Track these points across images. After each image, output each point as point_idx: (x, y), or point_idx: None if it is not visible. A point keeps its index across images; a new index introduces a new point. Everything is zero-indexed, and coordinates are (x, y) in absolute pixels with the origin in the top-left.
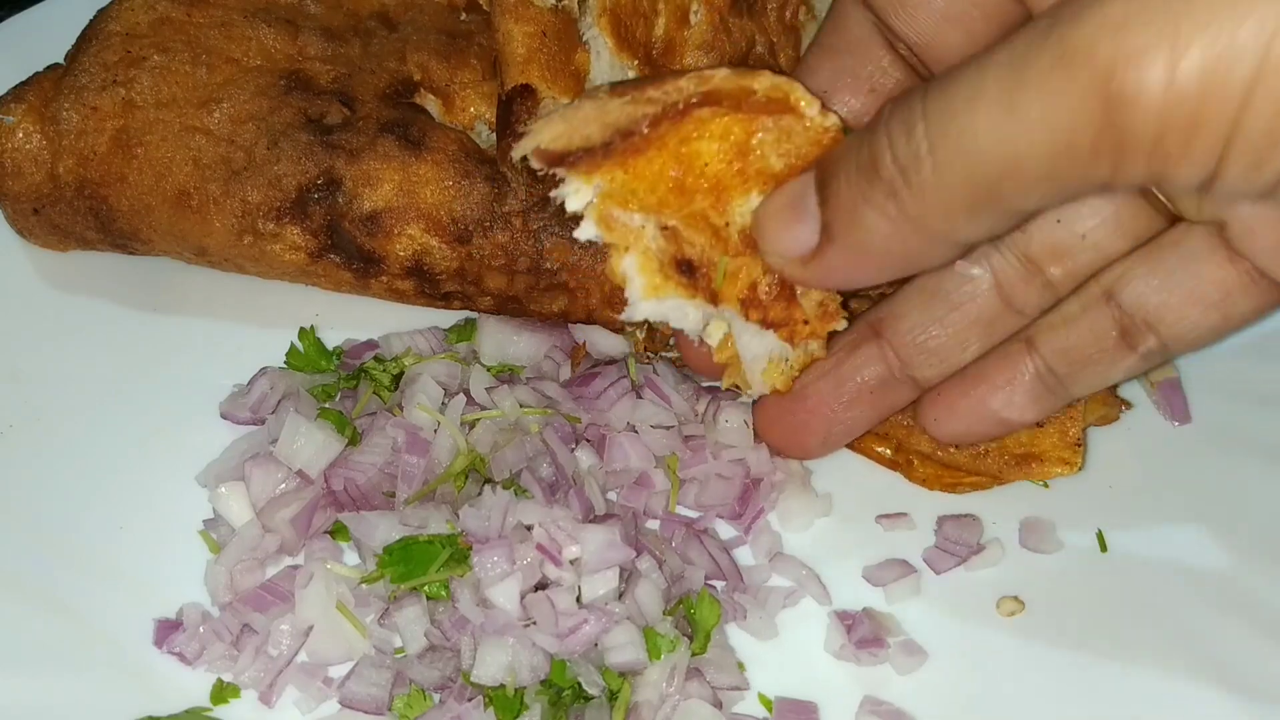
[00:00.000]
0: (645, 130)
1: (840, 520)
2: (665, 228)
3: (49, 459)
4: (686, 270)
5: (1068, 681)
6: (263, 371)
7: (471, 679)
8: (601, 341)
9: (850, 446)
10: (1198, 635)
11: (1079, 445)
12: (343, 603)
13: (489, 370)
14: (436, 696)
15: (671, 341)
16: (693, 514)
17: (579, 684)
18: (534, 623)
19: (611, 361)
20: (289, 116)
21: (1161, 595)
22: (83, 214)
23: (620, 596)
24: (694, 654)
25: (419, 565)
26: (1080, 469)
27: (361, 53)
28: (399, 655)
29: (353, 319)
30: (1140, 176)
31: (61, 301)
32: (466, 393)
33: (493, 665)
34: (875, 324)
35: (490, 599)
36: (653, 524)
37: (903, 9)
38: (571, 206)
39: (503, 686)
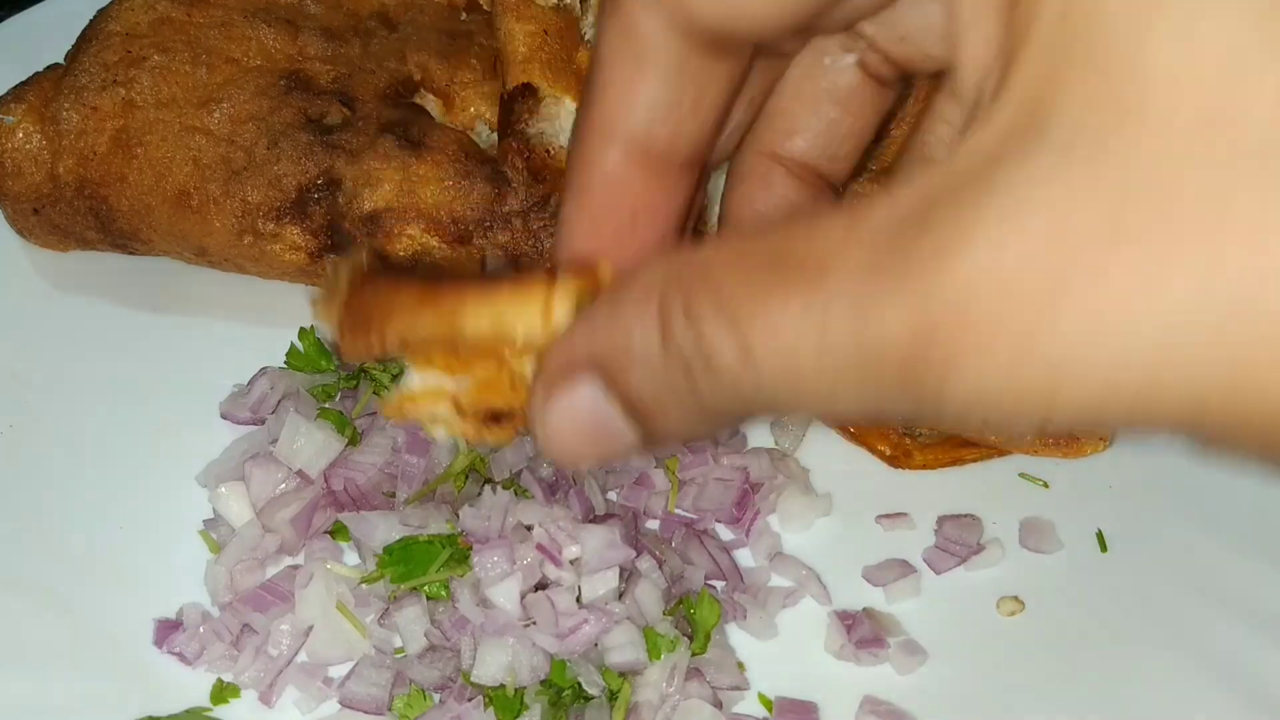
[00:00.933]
0: None
1: (840, 520)
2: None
3: (48, 459)
4: (496, 419)
5: (1068, 682)
6: (263, 371)
7: (471, 679)
8: None
9: (851, 439)
10: (1198, 635)
11: None
12: (343, 603)
13: None
14: (437, 696)
15: None
16: (691, 516)
17: (579, 684)
18: (534, 623)
19: None
20: (289, 116)
21: (1161, 595)
22: (83, 214)
23: (620, 596)
24: (694, 654)
25: (419, 565)
26: (1110, 443)
27: (361, 53)
28: (399, 655)
29: None
30: None
31: (61, 301)
32: None
33: (493, 665)
34: None
35: (490, 599)
36: (653, 524)
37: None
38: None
39: (503, 686)
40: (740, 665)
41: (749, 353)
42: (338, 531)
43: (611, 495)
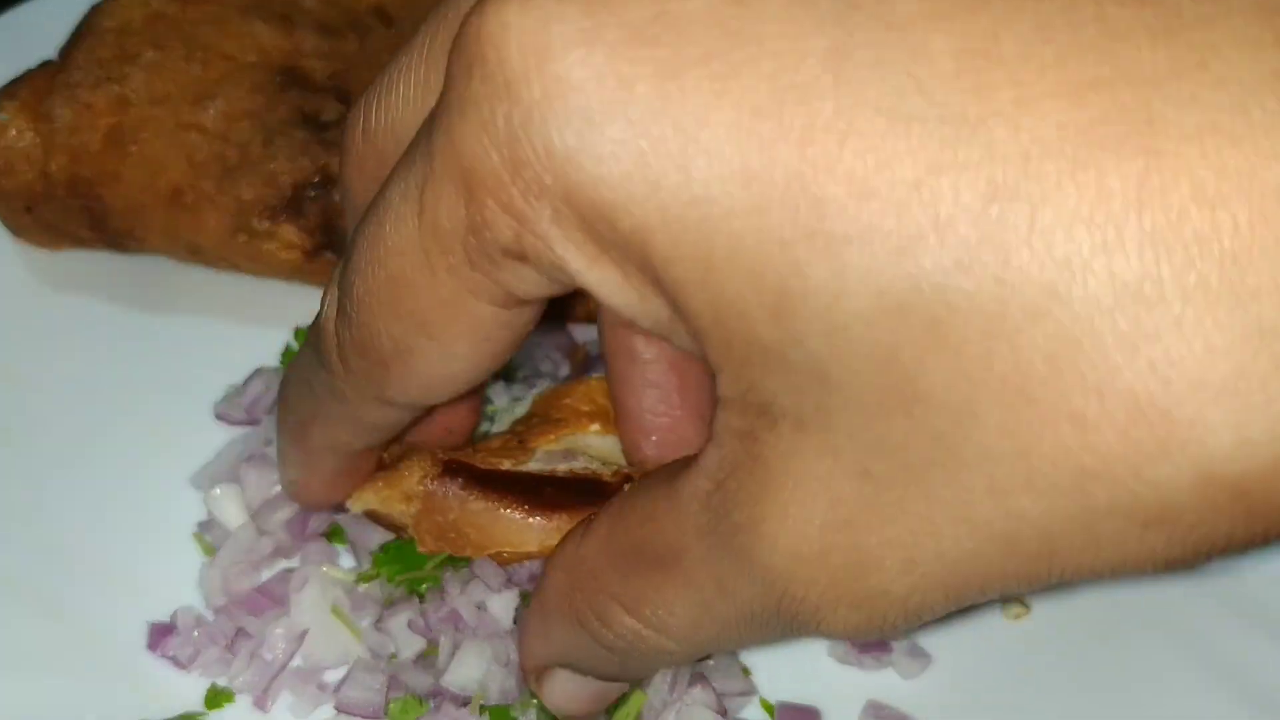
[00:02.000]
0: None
1: None
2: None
3: (39, 460)
4: None
5: (1075, 686)
6: (257, 372)
7: (442, 681)
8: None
9: None
10: (1206, 640)
11: None
12: (338, 606)
13: None
14: (431, 702)
15: None
16: None
17: None
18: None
19: None
20: (284, 113)
21: (1168, 599)
22: (76, 212)
23: None
24: (698, 660)
25: (415, 563)
26: None
27: (358, 49)
28: (393, 660)
29: None
30: None
31: (54, 300)
32: None
33: (464, 674)
34: None
35: (487, 604)
36: None
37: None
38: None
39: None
40: (745, 670)
41: (661, 628)
42: (333, 534)
43: None
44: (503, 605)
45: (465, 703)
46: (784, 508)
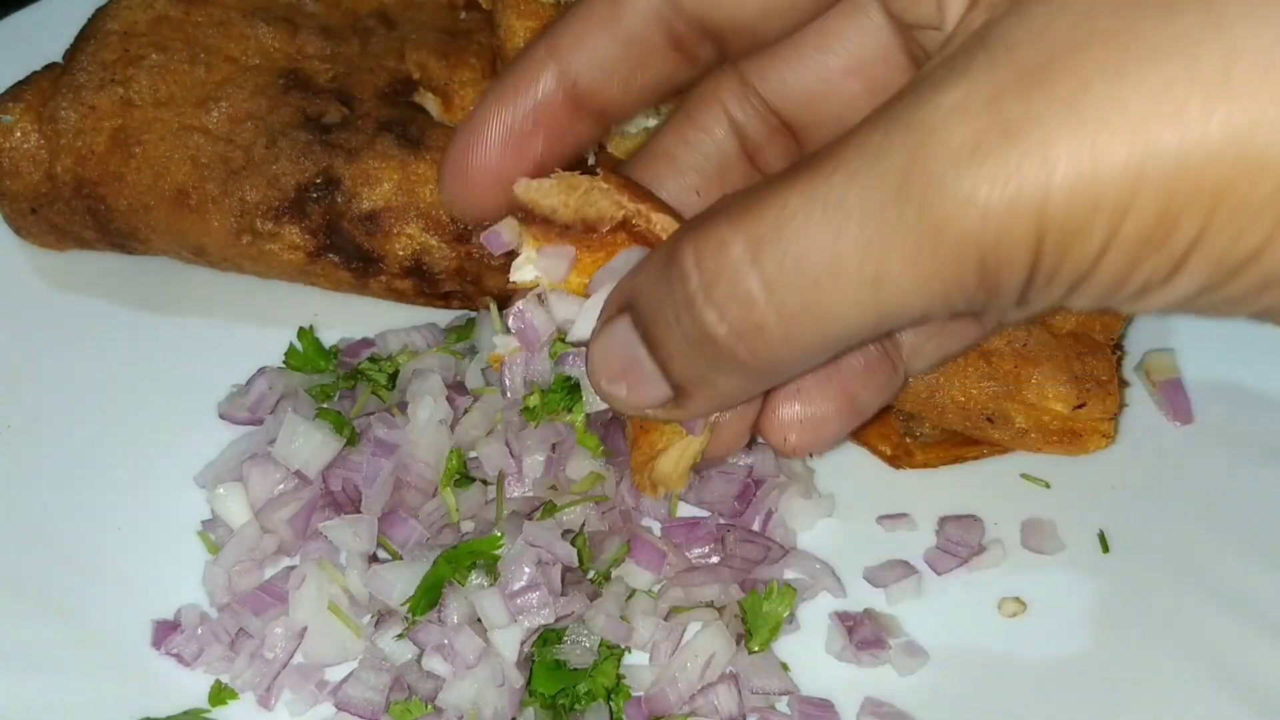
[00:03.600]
0: (604, 231)
1: (842, 521)
2: None
3: (46, 459)
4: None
5: (1070, 683)
6: (261, 371)
7: (436, 701)
8: None
9: (851, 438)
10: (1199, 636)
11: (1113, 418)
12: (336, 604)
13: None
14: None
15: None
16: (696, 511)
17: (574, 692)
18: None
19: None
20: (287, 115)
21: (1162, 596)
22: (80, 213)
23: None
24: (752, 652)
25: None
26: (1113, 440)
27: (360, 51)
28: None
29: (352, 318)
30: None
31: (59, 301)
32: (460, 385)
33: (460, 695)
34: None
35: (491, 639)
36: (651, 524)
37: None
38: (516, 278)
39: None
40: (784, 665)
41: (762, 268)
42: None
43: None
44: (506, 641)
45: (460, 718)
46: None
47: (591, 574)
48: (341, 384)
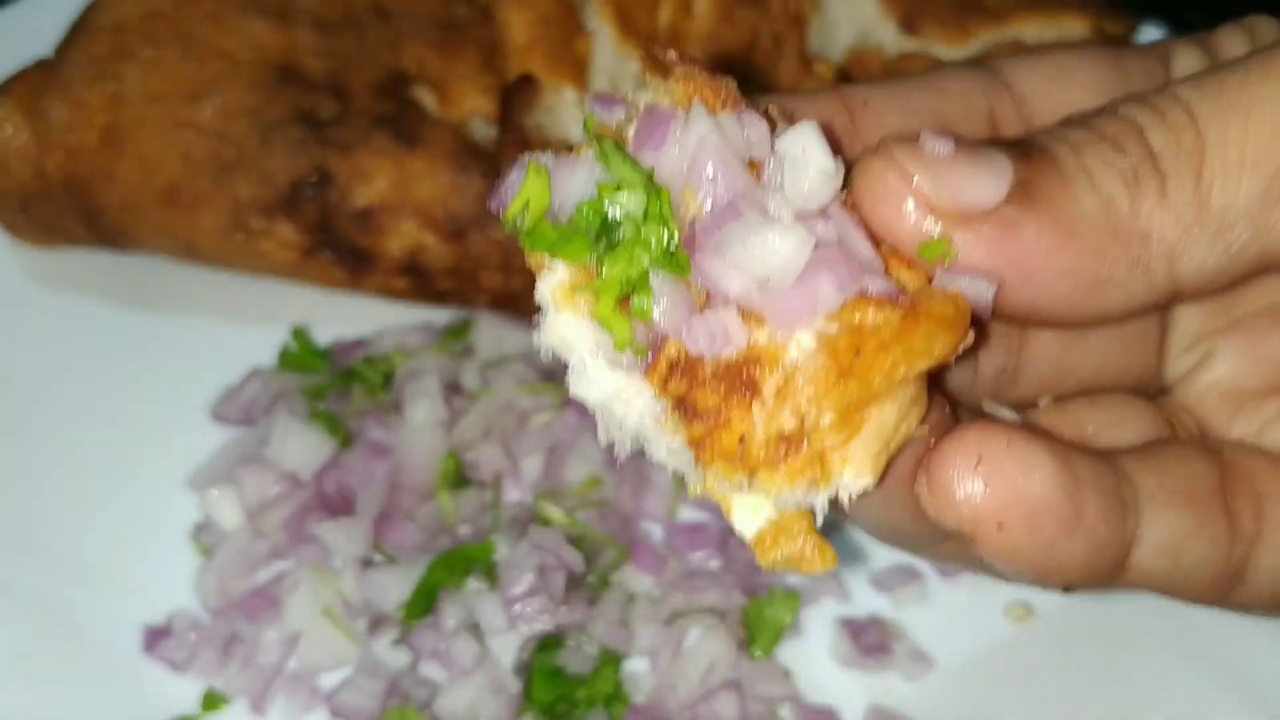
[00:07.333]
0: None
1: (847, 526)
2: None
3: (35, 461)
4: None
5: (1077, 689)
6: (254, 372)
7: (432, 709)
8: None
9: None
10: (1208, 643)
11: None
12: (331, 609)
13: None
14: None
15: None
16: (694, 514)
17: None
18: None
19: None
20: (280, 110)
21: (1170, 602)
22: (70, 210)
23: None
24: (753, 658)
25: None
26: None
27: (354, 45)
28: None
29: (346, 317)
30: None
31: (48, 300)
32: (457, 386)
33: (458, 700)
34: None
35: (488, 646)
36: (652, 527)
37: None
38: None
39: None
40: (787, 672)
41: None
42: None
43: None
44: (504, 647)
45: None
46: None
47: (590, 579)
48: (335, 384)
